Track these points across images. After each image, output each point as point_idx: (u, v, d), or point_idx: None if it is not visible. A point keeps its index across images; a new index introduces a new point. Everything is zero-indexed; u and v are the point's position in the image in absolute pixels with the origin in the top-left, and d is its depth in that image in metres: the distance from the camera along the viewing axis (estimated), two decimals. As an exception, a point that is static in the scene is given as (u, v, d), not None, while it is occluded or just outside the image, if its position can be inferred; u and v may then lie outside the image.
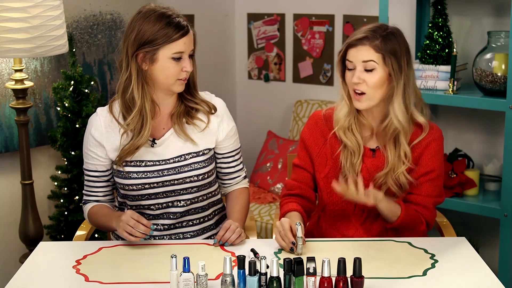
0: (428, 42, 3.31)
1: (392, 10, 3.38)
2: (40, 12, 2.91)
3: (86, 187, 2.44)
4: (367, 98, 2.26)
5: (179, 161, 2.33)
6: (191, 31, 2.27)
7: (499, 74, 3.10)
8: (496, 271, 3.09)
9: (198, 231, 2.41)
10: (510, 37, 2.98)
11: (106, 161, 2.36)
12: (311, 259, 1.87)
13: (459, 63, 3.30)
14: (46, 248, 2.27)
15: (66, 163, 3.41)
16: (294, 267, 1.85)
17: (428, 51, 3.31)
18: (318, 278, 1.87)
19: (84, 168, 2.41)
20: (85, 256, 2.16)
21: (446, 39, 3.28)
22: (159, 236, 2.37)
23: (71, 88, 3.35)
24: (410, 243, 2.24)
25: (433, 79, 3.28)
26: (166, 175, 2.32)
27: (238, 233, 2.22)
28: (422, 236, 2.34)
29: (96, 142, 2.34)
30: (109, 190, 2.44)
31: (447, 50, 3.28)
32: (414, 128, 2.32)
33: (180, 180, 2.33)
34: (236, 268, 1.90)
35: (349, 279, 1.87)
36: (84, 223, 2.54)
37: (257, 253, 2.11)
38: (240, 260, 1.88)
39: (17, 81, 3.08)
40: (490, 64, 3.12)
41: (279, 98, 4.36)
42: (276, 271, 1.84)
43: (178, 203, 2.36)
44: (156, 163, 2.32)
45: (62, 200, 3.42)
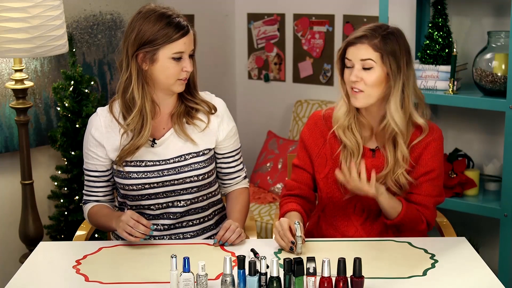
0: (428, 42, 3.31)
1: (392, 10, 3.38)
2: (40, 12, 2.90)
3: (86, 187, 2.44)
4: (364, 96, 2.26)
5: (179, 161, 2.33)
6: (191, 31, 2.27)
7: (499, 74, 3.09)
8: (496, 271, 3.09)
9: (198, 231, 2.41)
10: (510, 37, 2.98)
11: (106, 161, 2.36)
12: (311, 259, 1.87)
13: (459, 63, 3.30)
14: (46, 248, 2.27)
15: (66, 163, 3.41)
16: (294, 267, 1.85)
17: (428, 51, 3.30)
18: (318, 278, 1.87)
19: (84, 168, 2.41)
20: (85, 256, 2.16)
21: (446, 39, 3.28)
22: (159, 236, 2.37)
23: (71, 88, 3.35)
24: (410, 243, 2.24)
25: (433, 79, 3.28)
26: (166, 175, 2.32)
27: (238, 233, 2.22)
28: (422, 236, 2.34)
29: (96, 142, 2.34)
30: (109, 190, 2.44)
31: (447, 50, 3.28)
32: (414, 129, 2.32)
33: (180, 180, 2.33)
34: (236, 268, 1.90)
35: (349, 279, 1.87)
36: (84, 223, 2.54)
37: (257, 253, 2.11)
38: (240, 260, 1.88)
39: (17, 81, 3.08)
40: (490, 64, 3.12)
41: (279, 98, 4.35)
42: (276, 271, 1.84)
43: (178, 203, 2.36)
44: (156, 163, 2.32)
45: (62, 200, 3.42)
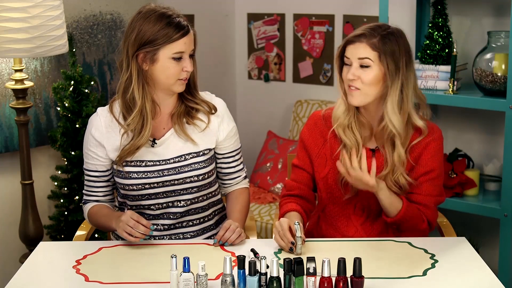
0: (428, 42, 3.31)
1: (392, 10, 3.38)
2: (40, 12, 2.90)
3: (86, 187, 2.43)
4: (361, 94, 2.25)
5: (179, 161, 2.33)
6: (191, 31, 2.27)
7: (499, 74, 3.09)
8: (496, 271, 3.09)
9: (198, 231, 2.41)
10: (510, 37, 2.98)
11: (106, 161, 2.36)
12: (311, 259, 1.87)
13: (459, 63, 3.30)
14: (46, 248, 2.27)
15: (66, 163, 3.41)
16: (294, 267, 1.85)
17: (428, 51, 3.30)
18: (318, 278, 1.87)
19: (84, 168, 2.41)
20: (85, 256, 2.16)
21: (446, 39, 3.28)
22: (159, 236, 2.37)
23: (71, 88, 3.35)
24: (410, 243, 2.24)
25: (433, 79, 3.28)
26: (166, 175, 2.31)
27: (238, 233, 2.22)
28: (423, 236, 2.34)
29: (96, 142, 2.34)
30: (109, 190, 2.44)
31: (447, 50, 3.28)
32: (413, 132, 2.30)
33: (180, 180, 2.33)
34: (236, 268, 1.90)
35: (349, 279, 1.87)
36: (84, 223, 2.54)
37: (257, 253, 2.11)
38: (240, 260, 1.88)
39: (17, 81, 3.08)
40: (490, 64, 3.12)
41: (279, 98, 4.35)
42: (276, 271, 1.84)
43: (178, 203, 2.36)
44: (156, 163, 2.32)
45: (62, 200, 3.42)
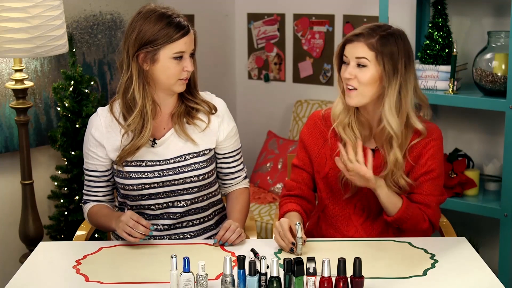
0: (428, 42, 3.31)
1: (392, 10, 3.38)
2: (40, 12, 2.90)
3: (86, 187, 2.43)
4: (358, 94, 2.25)
5: (179, 161, 2.33)
6: (191, 31, 2.27)
7: (499, 74, 3.09)
8: (496, 271, 3.09)
9: (198, 232, 2.41)
10: (510, 37, 2.97)
11: (106, 161, 2.36)
12: (311, 259, 1.87)
13: (459, 63, 3.30)
14: (46, 248, 2.27)
15: (66, 163, 3.41)
16: (294, 267, 1.85)
17: (428, 51, 3.30)
18: (318, 278, 1.87)
19: (84, 168, 2.41)
20: (85, 256, 2.16)
21: (446, 39, 3.28)
22: (159, 236, 2.37)
23: (71, 88, 3.35)
24: (410, 243, 2.23)
25: (433, 79, 3.28)
26: (167, 175, 2.31)
27: (238, 233, 2.22)
28: (425, 236, 2.33)
29: (96, 142, 2.34)
30: (109, 190, 2.44)
31: (447, 50, 3.28)
32: (413, 134, 2.29)
33: (181, 180, 2.33)
34: (236, 268, 1.90)
35: (349, 279, 1.87)
36: (84, 223, 2.54)
37: (257, 253, 2.11)
38: (240, 260, 1.88)
39: (17, 81, 3.08)
40: (490, 64, 3.12)
41: (279, 98, 4.35)
42: (276, 271, 1.84)
43: (178, 203, 2.36)
44: (157, 163, 2.32)
45: (62, 200, 3.42)
